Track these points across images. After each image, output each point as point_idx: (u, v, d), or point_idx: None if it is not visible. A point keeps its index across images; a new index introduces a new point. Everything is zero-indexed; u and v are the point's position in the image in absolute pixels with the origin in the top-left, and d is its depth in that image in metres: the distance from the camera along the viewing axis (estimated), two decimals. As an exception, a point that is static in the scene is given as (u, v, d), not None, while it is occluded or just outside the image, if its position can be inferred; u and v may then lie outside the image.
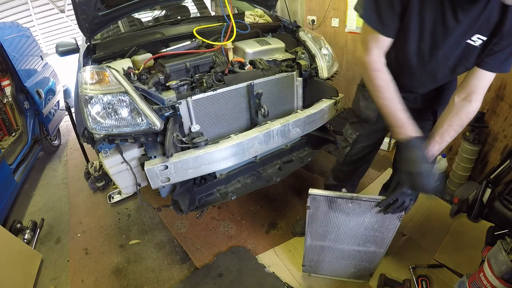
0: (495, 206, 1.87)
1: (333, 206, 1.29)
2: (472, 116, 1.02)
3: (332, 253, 1.53)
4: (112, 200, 2.48)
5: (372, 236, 1.37)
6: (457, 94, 1.04)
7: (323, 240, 1.46)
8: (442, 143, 1.06)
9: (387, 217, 1.27)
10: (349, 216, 1.31)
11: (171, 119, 1.46)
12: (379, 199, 1.22)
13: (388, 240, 1.37)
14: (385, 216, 1.26)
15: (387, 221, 1.29)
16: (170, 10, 3.12)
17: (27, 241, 2.13)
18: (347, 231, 1.39)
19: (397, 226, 1.29)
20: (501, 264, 1.24)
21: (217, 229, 2.12)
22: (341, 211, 1.30)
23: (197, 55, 1.73)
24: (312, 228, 1.42)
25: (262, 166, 1.97)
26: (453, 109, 1.04)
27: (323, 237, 1.45)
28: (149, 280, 1.81)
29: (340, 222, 1.35)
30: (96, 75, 1.37)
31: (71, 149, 3.55)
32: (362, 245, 1.44)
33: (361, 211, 1.27)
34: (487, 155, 2.04)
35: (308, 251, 1.55)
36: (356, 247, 1.46)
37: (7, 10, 5.49)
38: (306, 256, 1.59)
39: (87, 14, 1.75)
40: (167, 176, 1.43)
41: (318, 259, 1.59)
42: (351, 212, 1.29)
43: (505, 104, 1.83)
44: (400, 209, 1.17)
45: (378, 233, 1.35)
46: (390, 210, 1.18)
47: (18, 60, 2.87)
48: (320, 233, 1.44)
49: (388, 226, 1.31)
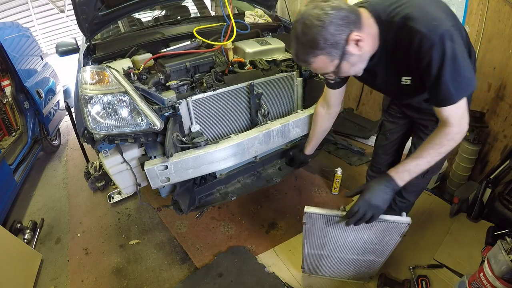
0: (495, 206, 1.87)
1: (330, 223, 1.25)
2: (454, 138, 0.99)
3: (331, 260, 1.53)
4: (112, 200, 2.48)
5: (372, 249, 1.35)
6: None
7: (321, 249, 1.45)
8: (420, 159, 1.04)
9: (387, 233, 1.22)
10: (347, 232, 1.28)
11: (171, 119, 1.46)
12: (380, 219, 1.14)
13: (388, 252, 1.35)
14: (385, 232, 1.21)
15: (387, 237, 1.24)
16: (170, 10, 3.12)
17: (27, 241, 2.13)
18: (346, 244, 1.36)
19: (398, 241, 1.25)
20: (501, 264, 1.24)
21: (217, 229, 2.12)
22: (338, 228, 1.26)
23: (197, 55, 1.73)
24: (309, 239, 1.40)
25: (262, 166, 1.97)
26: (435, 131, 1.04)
27: (321, 247, 1.43)
28: (149, 280, 1.81)
29: (338, 237, 1.32)
30: (96, 75, 1.37)
31: (71, 149, 3.56)
32: (361, 255, 1.42)
33: (359, 228, 1.20)
34: (487, 155, 2.04)
35: (306, 257, 1.55)
36: (355, 256, 1.44)
37: (7, 10, 5.50)
38: (305, 261, 1.59)
39: (87, 14, 1.75)
40: (167, 176, 1.43)
41: (317, 264, 1.59)
42: (349, 229, 1.23)
43: (505, 104, 1.83)
44: (361, 221, 1.10)
45: (378, 246, 1.33)
46: (351, 221, 1.11)
47: (18, 60, 2.87)
48: (318, 244, 1.42)
49: (388, 241, 1.28)
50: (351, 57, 0.95)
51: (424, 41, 0.88)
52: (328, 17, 0.86)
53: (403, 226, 1.18)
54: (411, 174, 1.06)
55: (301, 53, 0.95)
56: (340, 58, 0.94)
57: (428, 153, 1.02)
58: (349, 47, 0.92)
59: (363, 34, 0.93)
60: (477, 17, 1.79)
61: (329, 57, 0.93)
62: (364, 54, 0.98)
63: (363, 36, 0.92)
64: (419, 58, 0.92)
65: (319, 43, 0.89)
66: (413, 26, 0.89)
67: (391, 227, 1.19)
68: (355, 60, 0.97)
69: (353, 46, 0.92)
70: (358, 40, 0.91)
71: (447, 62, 0.87)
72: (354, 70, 1.02)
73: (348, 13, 0.89)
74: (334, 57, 0.93)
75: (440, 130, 1.01)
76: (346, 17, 0.88)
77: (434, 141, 1.02)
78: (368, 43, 0.97)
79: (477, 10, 1.78)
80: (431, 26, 0.87)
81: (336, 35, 0.88)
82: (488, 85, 1.88)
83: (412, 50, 0.92)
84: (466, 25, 1.85)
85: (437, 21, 0.88)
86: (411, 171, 1.05)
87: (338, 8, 0.87)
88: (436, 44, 0.87)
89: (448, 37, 0.86)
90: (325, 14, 0.86)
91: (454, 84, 0.90)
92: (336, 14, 0.86)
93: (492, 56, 1.80)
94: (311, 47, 0.91)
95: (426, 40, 0.87)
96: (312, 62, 0.96)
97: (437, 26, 0.87)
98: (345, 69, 0.99)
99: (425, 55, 0.90)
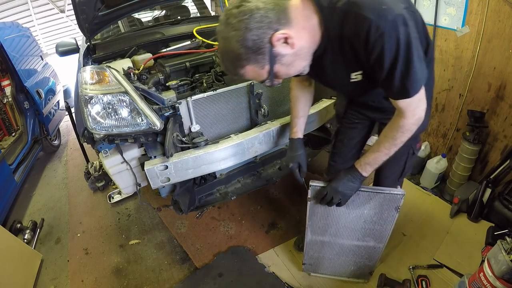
0: (495, 206, 1.87)
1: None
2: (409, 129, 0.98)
3: (332, 249, 1.54)
4: (112, 200, 2.48)
5: (371, 229, 1.39)
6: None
7: (324, 234, 1.48)
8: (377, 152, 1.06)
9: (385, 209, 1.28)
10: (349, 208, 1.33)
11: (171, 119, 1.46)
12: (377, 190, 1.25)
13: (387, 233, 1.38)
14: (383, 207, 1.28)
15: (385, 213, 1.30)
16: (170, 10, 3.12)
17: (27, 241, 2.13)
18: (347, 224, 1.40)
19: (396, 217, 1.30)
20: (501, 264, 1.24)
21: (217, 229, 2.12)
22: None
23: (197, 55, 1.73)
24: (313, 221, 1.43)
25: (262, 166, 1.97)
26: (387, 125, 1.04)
27: (323, 231, 1.46)
28: (149, 280, 1.81)
29: (340, 214, 1.36)
30: (96, 75, 1.37)
31: (71, 149, 3.55)
32: (361, 240, 1.45)
33: (360, 202, 1.29)
34: (487, 155, 2.04)
35: (308, 247, 1.56)
36: (355, 242, 1.47)
37: (7, 10, 5.50)
38: (307, 253, 1.59)
39: (87, 14, 1.75)
40: (167, 176, 1.43)
41: (319, 256, 1.60)
42: (351, 204, 1.30)
43: (505, 104, 1.83)
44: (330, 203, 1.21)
45: (377, 226, 1.36)
46: (322, 202, 1.24)
47: (18, 60, 2.87)
48: (321, 227, 1.45)
49: (387, 218, 1.32)
50: (283, 58, 0.86)
51: (373, 30, 0.77)
52: (242, 23, 0.78)
53: (399, 197, 1.24)
54: (373, 166, 1.11)
55: (229, 68, 0.89)
56: (269, 62, 0.85)
57: (385, 146, 1.04)
58: (277, 48, 0.83)
59: (293, 30, 0.82)
60: (477, 17, 1.79)
61: (257, 64, 0.85)
62: (300, 50, 0.87)
63: (291, 33, 0.82)
64: (368, 49, 0.82)
65: (241, 54, 0.82)
66: (359, 12, 0.78)
67: (388, 199, 1.26)
68: (290, 60, 0.87)
69: (281, 45, 0.83)
70: (286, 38, 0.82)
71: (401, 52, 0.79)
72: (295, 70, 0.93)
73: (267, 12, 0.78)
74: (263, 63, 0.85)
75: (396, 122, 0.98)
76: (265, 17, 0.78)
77: (389, 135, 1.02)
78: (302, 37, 0.86)
79: (477, 10, 1.78)
80: (380, 11, 0.76)
81: (256, 40, 0.79)
82: (488, 85, 1.88)
83: (360, 40, 0.82)
84: (466, 25, 1.86)
85: (387, 4, 0.77)
86: (371, 164, 1.10)
87: (252, 11, 0.77)
88: (387, 32, 0.77)
89: (401, 23, 0.77)
90: (239, 21, 0.78)
91: (408, 78, 0.84)
92: (250, 18, 0.77)
93: (492, 56, 1.80)
94: (236, 59, 0.84)
95: (375, 28, 0.77)
96: (243, 74, 0.89)
97: (387, 11, 0.76)
98: (282, 72, 0.90)
99: (375, 45, 0.80)
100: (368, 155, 1.10)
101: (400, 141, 1.02)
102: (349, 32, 0.84)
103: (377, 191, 1.25)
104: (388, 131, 1.03)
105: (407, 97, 0.89)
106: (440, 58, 2.09)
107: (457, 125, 2.16)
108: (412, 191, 2.28)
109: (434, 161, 2.24)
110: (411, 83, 0.86)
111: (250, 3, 0.78)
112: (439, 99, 2.23)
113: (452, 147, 2.26)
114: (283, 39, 0.82)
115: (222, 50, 0.87)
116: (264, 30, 0.79)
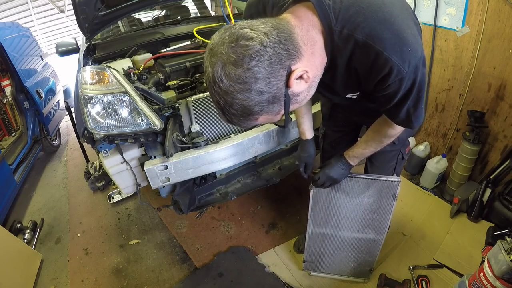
0: (495, 206, 1.87)
1: (334, 185, 1.35)
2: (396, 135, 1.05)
3: (333, 243, 1.56)
4: (112, 200, 2.48)
5: (371, 220, 1.42)
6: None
7: (325, 226, 1.49)
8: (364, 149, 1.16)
9: (384, 196, 1.34)
10: (349, 196, 1.38)
11: (171, 119, 1.46)
12: (375, 177, 1.33)
13: (386, 224, 1.41)
14: (381, 195, 1.34)
15: (383, 201, 1.35)
16: (170, 10, 3.12)
17: (27, 241, 2.13)
18: (348, 214, 1.43)
19: (393, 206, 1.34)
20: (501, 264, 1.24)
21: (217, 229, 2.12)
22: (341, 190, 1.38)
23: (197, 55, 1.73)
24: (315, 212, 1.46)
25: (262, 166, 1.97)
26: (377, 124, 1.08)
27: (325, 222, 1.48)
28: (149, 280, 1.81)
29: (341, 203, 1.41)
30: (96, 75, 1.37)
31: (71, 149, 3.55)
32: (361, 231, 1.47)
33: (359, 190, 1.36)
34: (487, 155, 2.04)
35: (310, 241, 1.57)
36: (356, 234, 1.49)
37: (7, 10, 5.49)
38: (308, 248, 1.60)
39: (87, 14, 1.75)
40: (167, 176, 1.43)
41: (319, 252, 1.61)
42: (351, 192, 1.37)
43: (505, 104, 1.83)
44: (322, 187, 1.31)
45: (376, 216, 1.40)
46: (315, 185, 1.33)
47: (18, 60, 2.86)
48: (322, 218, 1.47)
49: (385, 207, 1.36)
50: (299, 96, 0.72)
51: (394, 73, 0.73)
52: (250, 72, 0.60)
53: (396, 184, 1.30)
54: (360, 159, 1.20)
55: (238, 122, 0.71)
56: (285, 104, 0.70)
57: (372, 145, 1.13)
58: (293, 89, 0.68)
59: (304, 61, 0.69)
60: (477, 17, 1.79)
61: (272, 113, 0.70)
62: (313, 81, 0.75)
63: (305, 66, 0.68)
64: (382, 87, 0.78)
65: (253, 109, 0.65)
66: (381, 51, 0.70)
67: (385, 186, 1.32)
68: (304, 95, 0.74)
69: (297, 84, 0.68)
70: (302, 74, 0.68)
71: (414, 93, 0.80)
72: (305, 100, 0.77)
73: (274, 48, 0.62)
74: (278, 109, 0.70)
75: (385, 130, 1.04)
76: (274, 55, 0.62)
77: (377, 138, 1.09)
78: (313, 66, 0.73)
79: (477, 10, 1.78)
80: (404, 55, 0.71)
81: (270, 89, 0.64)
82: (488, 85, 1.88)
83: (373, 76, 0.77)
84: (466, 25, 1.86)
85: (411, 45, 0.71)
86: (359, 157, 1.20)
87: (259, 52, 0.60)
88: (408, 76, 0.74)
89: (421, 65, 0.75)
90: (245, 71, 0.60)
91: (415, 114, 0.87)
92: (259, 60, 0.60)
93: (492, 56, 1.80)
94: (246, 114, 0.67)
95: (396, 72, 0.73)
96: (256, 124, 0.74)
97: (411, 54, 0.72)
98: (294, 107, 0.77)
99: (391, 86, 0.77)
100: (356, 150, 1.18)
101: (386, 143, 1.11)
102: (362, 65, 0.77)
103: (375, 177, 1.33)
104: (376, 134, 1.09)
105: (409, 127, 0.94)
106: (440, 58, 2.09)
107: (457, 125, 2.16)
108: (412, 191, 2.28)
109: (434, 161, 2.24)
110: (416, 118, 0.89)
111: (253, 41, 0.60)
112: (439, 99, 2.23)
113: (452, 147, 2.26)
114: (300, 76, 0.68)
115: (222, 106, 0.66)
116: (278, 73, 0.63)
